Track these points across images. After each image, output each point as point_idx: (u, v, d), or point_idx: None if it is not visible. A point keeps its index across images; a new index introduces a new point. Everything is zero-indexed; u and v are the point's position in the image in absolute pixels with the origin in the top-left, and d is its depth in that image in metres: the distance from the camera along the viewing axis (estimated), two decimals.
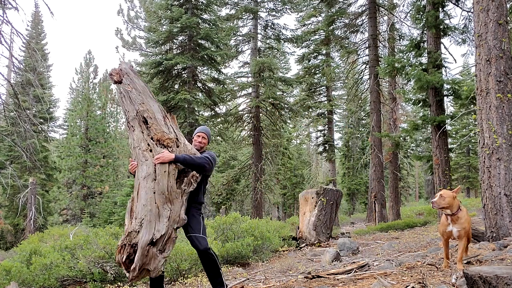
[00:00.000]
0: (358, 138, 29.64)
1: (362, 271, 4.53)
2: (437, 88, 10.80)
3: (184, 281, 5.77)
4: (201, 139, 4.03)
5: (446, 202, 3.85)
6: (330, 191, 9.75)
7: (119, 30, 21.13)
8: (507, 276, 2.42)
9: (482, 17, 6.07)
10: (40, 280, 6.02)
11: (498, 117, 5.80)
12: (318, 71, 21.01)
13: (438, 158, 10.69)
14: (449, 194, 3.88)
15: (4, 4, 7.87)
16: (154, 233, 3.37)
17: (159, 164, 3.49)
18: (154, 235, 3.36)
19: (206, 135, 4.07)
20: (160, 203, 3.45)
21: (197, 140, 4.03)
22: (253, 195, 18.46)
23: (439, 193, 3.96)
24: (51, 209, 23.66)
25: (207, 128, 4.22)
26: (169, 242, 3.49)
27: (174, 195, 3.53)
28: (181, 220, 3.56)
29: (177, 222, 3.53)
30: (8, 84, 9.39)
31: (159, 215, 3.42)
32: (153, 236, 3.36)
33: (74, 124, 24.98)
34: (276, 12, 20.00)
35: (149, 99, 3.78)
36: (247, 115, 19.76)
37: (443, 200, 3.85)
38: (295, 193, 27.97)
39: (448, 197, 3.85)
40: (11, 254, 11.65)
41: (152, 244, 3.36)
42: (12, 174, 14.89)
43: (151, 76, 16.39)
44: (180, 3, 16.24)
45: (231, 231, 7.93)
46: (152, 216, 3.41)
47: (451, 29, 11.27)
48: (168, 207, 3.48)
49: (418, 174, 43.38)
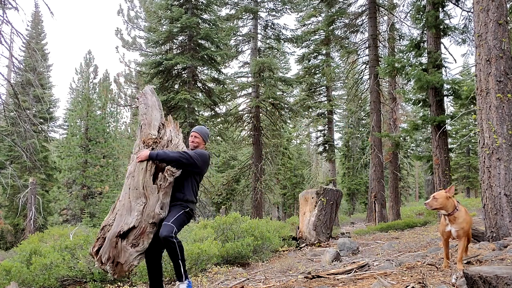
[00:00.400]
0: (358, 138, 29.64)
1: (362, 271, 4.53)
2: (437, 88, 10.80)
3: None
4: (193, 138, 4.16)
5: (439, 203, 3.87)
6: (330, 191, 9.75)
7: (119, 30, 21.14)
8: (507, 276, 2.42)
9: (482, 17, 6.07)
10: (40, 280, 6.02)
11: (498, 117, 5.80)
12: (318, 71, 21.01)
13: (438, 158, 10.69)
14: (442, 195, 3.89)
15: (4, 4, 7.87)
16: (122, 226, 3.51)
17: (138, 162, 3.71)
18: (122, 228, 3.49)
19: (198, 134, 4.17)
20: (133, 197, 3.61)
21: (191, 140, 4.18)
22: (253, 195, 18.46)
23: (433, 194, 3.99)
24: (51, 209, 23.65)
25: (202, 128, 4.30)
26: (143, 237, 3.58)
27: (150, 190, 3.65)
28: (156, 215, 3.62)
29: (153, 217, 3.61)
30: (8, 84, 9.39)
31: (130, 209, 3.57)
32: (120, 229, 3.49)
33: (74, 124, 24.97)
34: (276, 12, 19.99)
35: (154, 111, 4.07)
36: (247, 115, 19.76)
37: (436, 201, 3.88)
38: (295, 193, 27.96)
39: (441, 198, 3.87)
40: (11, 254, 11.64)
41: (121, 236, 3.49)
42: (12, 174, 14.89)
43: (151, 76, 16.39)
44: (180, 3, 16.24)
45: (231, 231, 7.93)
46: (124, 210, 3.58)
47: (451, 29, 11.27)
48: (142, 201, 3.61)
49: (418, 174, 43.38)
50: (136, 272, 5.92)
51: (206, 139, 4.26)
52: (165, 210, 3.72)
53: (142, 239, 3.57)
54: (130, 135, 28.97)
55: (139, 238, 3.56)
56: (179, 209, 3.78)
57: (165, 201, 3.73)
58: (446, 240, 4.09)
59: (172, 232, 3.56)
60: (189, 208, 3.86)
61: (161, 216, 3.66)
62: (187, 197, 3.86)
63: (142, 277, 5.77)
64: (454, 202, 3.92)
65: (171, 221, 3.63)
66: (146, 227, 3.59)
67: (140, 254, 3.57)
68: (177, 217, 3.70)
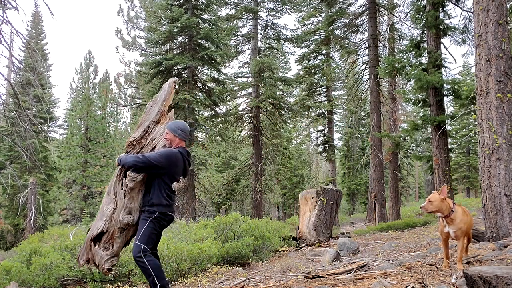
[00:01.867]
0: (358, 138, 29.63)
1: (362, 271, 4.53)
2: (437, 88, 10.80)
3: (184, 281, 5.76)
4: (165, 135, 3.94)
5: (435, 206, 3.89)
6: (330, 191, 9.75)
7: (119, 30, 21.14)
8: (507, 276, 2.42)
9: (482, 17, 6.06)
10: (40, 280, 6.01)
11: (498, 117, 5.80)
12: (318, 71, 21.00)
13: (438, 158, 10.68)
14: (436, 198, 3.91)
15: (4, 4, 7.87)
16: (93, 230, 3.70)
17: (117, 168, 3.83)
18: (93, 232, 3.69)
19: (168, 130, 3.91)
20: (105, 203, 3.76)
21: (163, 137, 3.99)
22: (253, 195, 18.46)
23: (428, 197, 4.01)
24: (51, 209, 23.63)
25: (173, 122, 3.99)
26: (112, 241, 3.70)
27: (118, 196, 3.75)
28: (120, 221, 3.70)
29: (119, 222, 3.71)
30: (8, 84, 9.39)
31: (102, 214, 3.72)
32: (92, 233, 3.69)
33: (74, 124, 24.95)
34: (276, 12, 19.99)
35: (155, 107, 4.09)
36: (247, 115, 19.76)
37: (431, 205, 3.90)
38: (295, 193, 27.95)
39: (436, 201, 3.89)
40: (11, 254, 11.63)
41: (93, 240, 3.67)
42: (12, 174, 14.89)
43: (151, 76, 16.39)
44: (180, 3, 16.24)
45: (231, 231, 7.93)
46: (99, 214, 3.75)
47: (451, 29, 11.26)
48: (111, 206, 3.72)
49: (418, 174, 43.37)
50: (136, 272, 5.93)
51: (178, 134, 3.88)
52: (133, 215, 3.75)
53: (112, 243, 3.71)
54: (130, 135, 28.93)
55: (109, 242, 3.70)
56: (144, 221, 3.69)
57: (132, 206, 3.75)
58: (445, 241, 4.10)
59: (139, 251, 3.56)
60: (157, 213, 3.69)
61: (126, 221, 3.70)
62: (152, 201, 3.70)
63: (142, 277, 5.77)
64: (450, 204, 3.93)
65: (138, 239, 3.62)
66: (114, 232, 3.71)
67: (111, 257, 3.68)
68: (143, 232, 3.64)
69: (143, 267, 3.56)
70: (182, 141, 3.95)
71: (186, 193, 15.52)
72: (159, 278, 3.58)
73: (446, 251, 4.14)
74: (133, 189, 3.71)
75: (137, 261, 3.58)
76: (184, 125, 3.98)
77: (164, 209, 3.74)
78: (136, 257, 3.57)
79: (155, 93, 16.07)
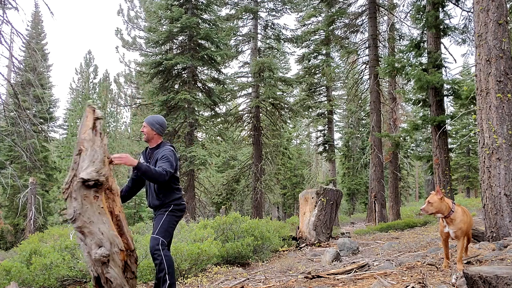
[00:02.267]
0: (358, 138, 29.63)
1: (362, 271, 4.53)
2: (437, 88, 10.80)
3: (184, 281, 5.76)
4: (143, 128, 3.86)
5: (435, 208, 3.91)
6: (330, 191, 9.75)
7: (119, 30, 21.10)
8: (507, 276, 2.42)
9: (482, 17, 6.06)
10: (40, 280, 6.01)
11: (498, 117, 5.80)
12: (318, 71, 21.00)
13: (438, 158, 10.68)
14: (435, 199, 3.92)
15: (4, 4, 7.87)
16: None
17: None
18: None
19: (146, 124, 3.84)
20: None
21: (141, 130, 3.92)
22: (253, 195, 18.46)
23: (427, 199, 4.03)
24: (51, 209, 23.65)
25: (151, 116, 3.92)
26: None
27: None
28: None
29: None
30: (8, 84, 9.39)
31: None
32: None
33: (74, 124, 24.98)
34: (276, 12, 20.00)
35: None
36: (247, 115, 19.76)
37: (431, 206, 3.91)
38: (295, 193, 27.97)
39: (435, 203, 3.91)
40: (11, 254, 11.63)
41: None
42: (12, 174, 14.89)
43: (151, 76, 16.38)
44: (180, 3, 16.23)
45: (231, 231, 7.93)
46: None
47: (451, 29, 11.26)
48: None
49: (418, 174, 43.37)
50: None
51: (156, 129, 3.81)
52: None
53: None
54: (130, 135, 28.96)
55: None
56: (161, 215, 3.70)
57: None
58: (445, 241, 4.10)
59: (158, 243, 3.54)
60: (172, 205, 3.74)
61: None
62: (166, 200, 3.73)
63: (142, 277, 5.77)
64: (449, 204, 3.94)
65: (156, 233, 3.60)
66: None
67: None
68: (161, 225, 3.63)
69: (158, 261, 3.52)
70: (159, 135, 3.87)
71: (186, 193, 15.52)
72: (171, 275, 3.56)
73: (446, 251, 4.15)
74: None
75: (153, 254, 3.53)
76: (162, 120, 3.92)
77: (177, 201, 3.79)
78: (154, 250, 3.52)
79: (155, 93, 16.16)
